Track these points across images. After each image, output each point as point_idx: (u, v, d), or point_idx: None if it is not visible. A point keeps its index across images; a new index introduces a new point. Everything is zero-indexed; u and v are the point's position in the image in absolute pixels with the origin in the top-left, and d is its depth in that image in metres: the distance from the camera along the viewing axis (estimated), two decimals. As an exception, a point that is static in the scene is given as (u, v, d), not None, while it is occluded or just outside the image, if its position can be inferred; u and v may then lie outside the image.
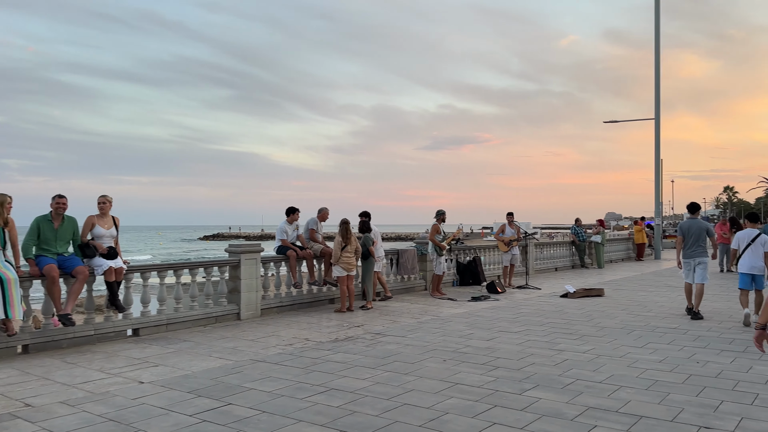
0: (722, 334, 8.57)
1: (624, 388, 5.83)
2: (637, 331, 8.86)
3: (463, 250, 16.07)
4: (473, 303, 12.16)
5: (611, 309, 11.20)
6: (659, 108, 27.19)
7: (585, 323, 9.62)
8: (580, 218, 22.07)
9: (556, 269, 20.28)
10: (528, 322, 9.71)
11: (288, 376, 6.43)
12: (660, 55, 26.93)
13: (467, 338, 8.39)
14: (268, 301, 10.68)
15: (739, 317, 10.02)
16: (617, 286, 15.33)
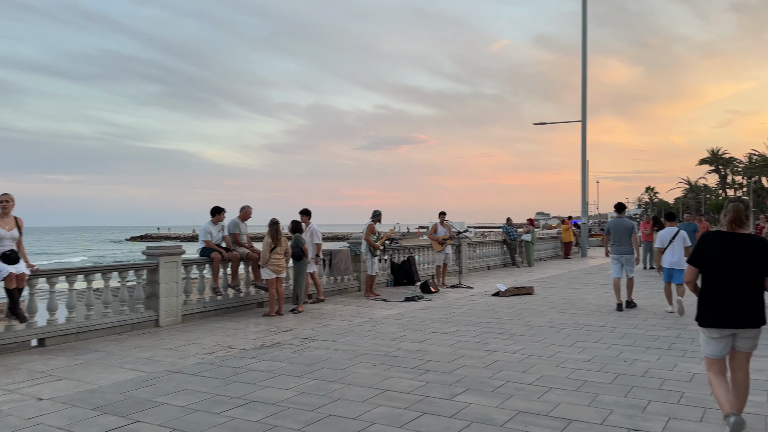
0: (648, 332, 8.74)
1: (554, 389, 5.74)
2: (566, 330, 8.90)
3: (398, 250, 15.91)
4: (407, 303, 11.98)
5: (541, 307, 11.29)
6: (585, 111, 28.08)
7: (516, 322, 9.61)
8: (511, 218, 22.41)
9: (488, 268, 20.48)
10: (460, 322, 9.61)
11: (205, 388, 5.98)
12: (587, 61, 27.81)
13: (399, 341, 8.17)
14: (191, 307, 10.10)
15: (662, 313, 10.33)
16: (546, 284, 15.58)
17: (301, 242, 11.10)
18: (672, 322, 9.49)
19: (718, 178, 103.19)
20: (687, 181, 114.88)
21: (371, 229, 13.08)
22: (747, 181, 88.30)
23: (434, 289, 13.69)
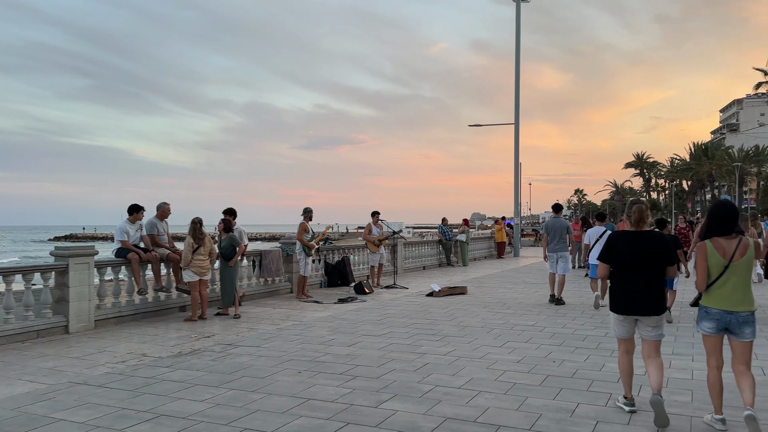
0: (576, 331, 8.78)
1: (483, 393, 5.58)
2: (497, 330, 8.83)
3: (332, 250, 15.56)
4: (339, 305, 11.66)
5: (473, 307, 11.24)
6: (518, 114, 28.63)
7: (448, 323, 9.47)
8: (447, 218, 22.47)
9: (424, 268, 20.44)
10: (392, 324, 9.38)
11: (111, 401, 5.46)
12: (519, 67, 28.36)
13: (328, 345, 7.84)
14: (105, 311, 9.40)
15: (590, 312, 10.48)
16: (480, 283, 15.64)
17: (236, 242, 10.56)
18: (599, 321, 9.61)
19: (643, 181, 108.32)
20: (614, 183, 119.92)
21: (303, 228, 12.67)
22: (669, 184, 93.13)
23: (368, 290, 13.44)
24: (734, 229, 4.65)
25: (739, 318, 4.49)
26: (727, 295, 4.52)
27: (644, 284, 4.85)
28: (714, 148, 78.71)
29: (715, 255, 4.57)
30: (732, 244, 4.58)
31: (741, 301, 4.51)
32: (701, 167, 75.15)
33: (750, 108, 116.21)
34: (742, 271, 4.55)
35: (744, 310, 4.51)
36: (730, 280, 4.53)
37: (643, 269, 4.85)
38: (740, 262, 4.53)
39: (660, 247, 4.88)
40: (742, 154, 70.42)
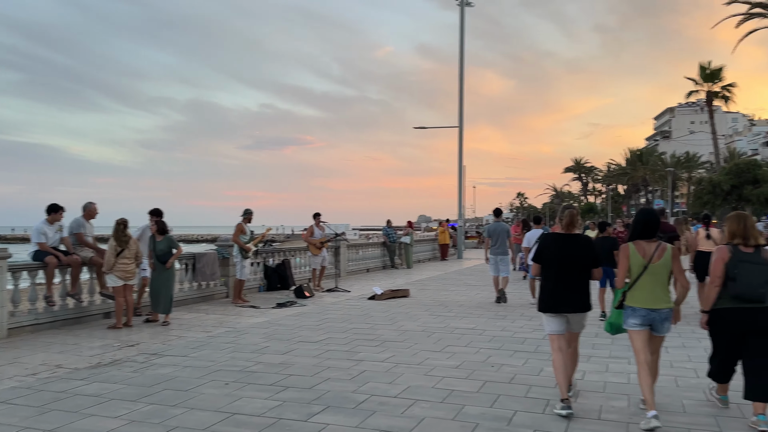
0: (515, 334, 8.73)
1: (419, 402, 5.37)
2: (437, 334, 8.68)
3: (272, 253, 15.10)
4: (277, 310, 11.26)
5: (415, 310, 11.08)
6: (462, 118, 28.86)
7: (388, 327, 9.26)
8: (391, 220, 22.33)
9: (367, 270, 20.21)
10: (331, 329, 9.08)
11: (13, 419, 4.95)
12: (464, 70, 28.62)
13: (260, 353, 7.47)
14: (19, 319, 8.70)
15: (529, 314, 10.49)
16: (423, 286, 15.54)
17: (175, 245, 9.98)
18: (538, 323, 9.61)
19: (581, 185, 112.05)
20: (553, 187, 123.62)
21: (240, 229, 12.20)
22: (605, 188, 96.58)
23: (309, 294, 13.08)
24: (655, 233, 4.99)
25: (660, 315, 4.85)
26: (648, 294, 4.85)
27: (571, 284, 5.17)
28: (648, 154, 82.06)
29: (637, 255, 4.92)
30: (652, 247, 4.93)
31: (661, 299, 4.86)
32: (636, 172, 78.21)
33: (682, 116, 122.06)
34: (660, 272, 4.89)
35: (664, 307, 4.87)
36: (649, 280, 4.86)
37: (570, 270, 5.16)
38: (658, 263, 4.88)
39: (586, 250, 5.22)
40: (674, 160, 73.72)
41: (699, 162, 75.52)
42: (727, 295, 4.77)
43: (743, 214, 5.07)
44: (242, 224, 12.25)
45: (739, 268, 4.72)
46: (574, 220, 5.34)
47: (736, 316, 4.74)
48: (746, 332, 4.73)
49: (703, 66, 42.42)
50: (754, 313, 4.68)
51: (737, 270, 4.72)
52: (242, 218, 12.34)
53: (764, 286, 4.65)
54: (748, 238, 4.84)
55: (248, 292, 13.73)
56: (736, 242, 4.88)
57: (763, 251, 4.83)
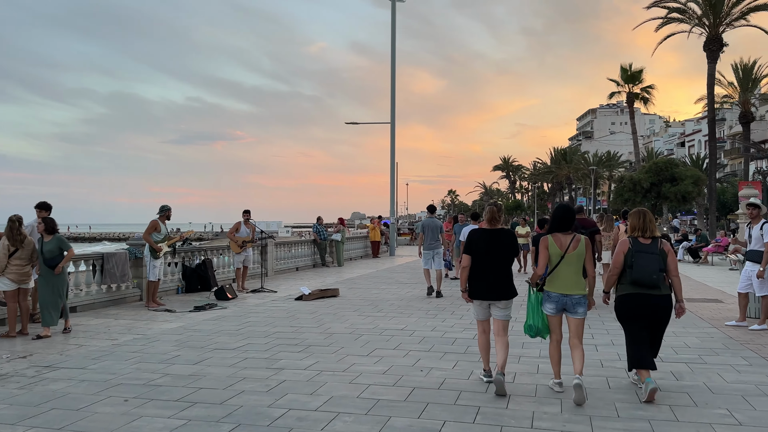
0: (446, 334, 8.44)
1: (341, 415, 4.92)
2: (365, 336, 8.26)
3: (191, 252, 14.22)
4: (195, 314, 10.51)
5: (344, 311, 10.63)
6: (394, 114, 28.60)
7: (314, 330, 8.76)
8: (322, 217, 21.76)
9: (297, 269, 19.56)
10: (252, 334, 8.48)
11: None
12: (396, 67, 28.30)
13: (169, 363, 6.79)
14: None
15: (460, 312, 10.27)
16: (353, 284, 15.11)
17: (65, 245, 8.95)
18: (468, 322, 9.38)
19: (509, 183, 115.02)
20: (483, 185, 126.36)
21: (153, 226, 11.30)
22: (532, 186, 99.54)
23: (231, 296, 12.36)
24: (571, 227, 5.51)
25: (573, 299, 5.36)
26: (563, 281, 5.39)
27: (495, 274, 5.61)
28: (572, 153, 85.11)
29: (554, 246, 5.45)
30: (568, 239, 5.46)
31: (574, 285, 5.39)
32: (560, 170, 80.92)
33: (603, 117, 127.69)
34: (574, 261, 5.40)
35: (577, 293, 5.38)
36: (564, 269, 5.39)
37: (494, 261, 5.61)
38: (573, 253, 5.40)
39: (507, 243, 5.69)
40: (596, 159, 76.76)
41: (619, 161, 79.04)
42: (627, 281, 5.41)
43: (643, 210, 5.63)
44: (157, 221, 11.38)
45: (636, 257, 5.35)
46: (494, 216, 5.77)
47: (635, 300, 5.37)
48: (644, 314, 5.37)
49: (624, 68, 44.31)
50: (648, 298, 5.33)
51: (634, 259, 5.34)
52: (158, 215, 11.47)
53: (657, 272, 5.27)
54: (646, 230, 5.46)
55: (165, 294, 12.87)
56: (636, 235, 5.49)
57: (660, 242, 5.43)
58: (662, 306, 5.33)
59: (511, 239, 5.74)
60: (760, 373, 6.20)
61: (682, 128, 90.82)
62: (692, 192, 28.41)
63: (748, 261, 8.77)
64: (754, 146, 43.29)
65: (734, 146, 63.27)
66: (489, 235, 5.68)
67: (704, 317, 9.79)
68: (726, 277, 16.54)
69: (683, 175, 28.59)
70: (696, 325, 9.02)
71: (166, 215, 11.48)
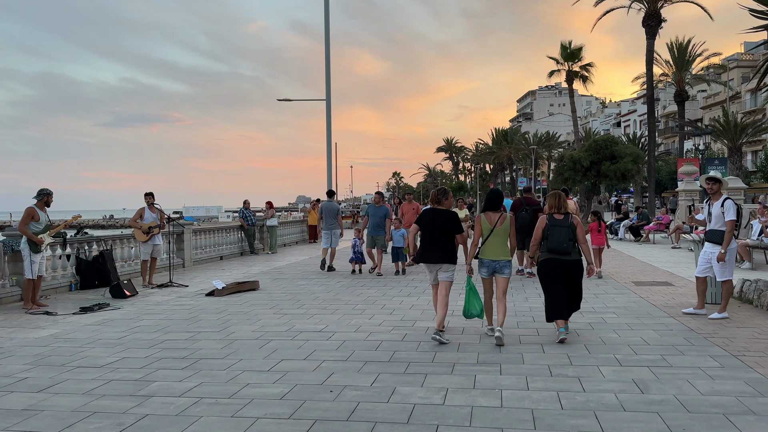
0: (371, 335, 7.14)
1: (205, 475, 3.54)
2: (273, 342, 6.88)
3: (88, 242, 12.38)
4: (78, 317, 8.84)
5: (258, 308, 9.20)
6: (330, 90, 26.97)
7: (214, 336, 7.30)
8: (249, 200, 20.01)
9: (221, 258, 17.89)
10: (134, 345, 6.95)
11: None
12: (332, 45, 26.83)
13: (6, 392, 5.21)
14: None
15: (391, 305, 9.02)
16: (279, 274, 13.67)
17: None
18: (400, 317, 8.14)
19: (452, 164, 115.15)
20: (426, 166, 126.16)
21: (30, 214, 9.49)
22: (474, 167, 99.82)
23: (130, 293, 10.68)
24: (499, 207, 6.77)
25: (500, 264, 6.65)
26: (492, 249, 6.65)
27: (436, 243, 6.81)
28: (513, 134, 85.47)
29: (485, 222, 6.69)
30: (496, 216, 6.70)
31: (501, 253, 6.67)
32: (502, 151, 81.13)
33: (542, 99, 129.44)
34: (501, 234, 6.67)
35: (503, 258, 6.67)
36: (493, 240, 6.64)
37: (436, 233, 6.82)
38: (500, 228, 6.65)
39: (448, 221, 6.87)
40: (536, 139, 77.30)
41: (558, 141, 79.91)
42: (545, 249, 6.65)
43: (558, 192, 6.85)
44: (34, 209, 9.56)
45: (550, 230, 6.59)
46: (435, 198, 7.09)
47: (550, 264, 6.62)
48: (557, 274, 6.58)
49: (564, 45, 43.93)
50: (561, 262, 6.57)
51: (549, 232, 6.60)
52: (36, 200, 9.65)
53: (567, 242, 6.49)
54: (561, 208, 6.71)
55: (55, 292, 11.10)
56: (552, 212, 6.73)
57: (570, 217, 6.64)
58: (572, 269, 6.59)
59: (452, 218, 6.93)
60: (735, 378, 5.20)
61: (618, 109, 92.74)
62: (632, 170, 28.16)
63: (707, 242, 7.85)
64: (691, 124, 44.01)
65: (668, 126, 64.75)
66: (434, 213, 6.91)
67: (658, 304, 8.91)
68: (670, 257, 16.01)
69: (623, 152, 28.31)
70: (651, 315, 8.09)
71: (44, 201, 9.67)
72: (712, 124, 36.52)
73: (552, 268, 6.57)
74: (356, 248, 13.59)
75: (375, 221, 13.29)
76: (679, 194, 23.14)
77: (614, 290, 10.39)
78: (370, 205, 13.55)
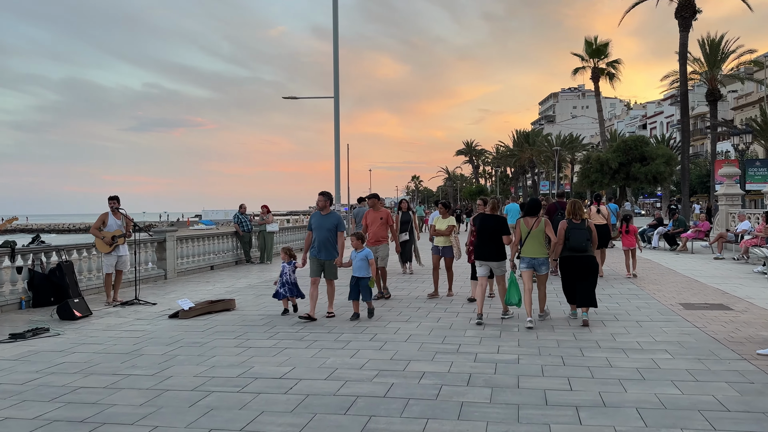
0: (345, 385, 5.37)
1: None
2: (213, 396, 5.15)
3: (44, 252, 10.81)
4: (6, 345, 7.25)
5: (220, 338, 7.50)
6: (338, 87, 25.36)
7: (143, 383, 5.60)
8: (245, 204, 18.38)
9: (212, 268, 16.28)
10: (33, 396, 5.28)
11: None
12: (339, 41, 25.20)
13: None
14: None
15: (388, 335, 7.24)
16: (267, 289, 11.96)
17: None
18: (389, 356, 6.37)
19: (472, 168, 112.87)
20: (446, 170, 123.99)
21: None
22: (495, 170, 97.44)
23: (81, 313, 9.07)
24: (536, 213, 8.19)
25: (539, 261, 8.07)
26: (530, 249, 8.06)
27: (488, 243, 8.31)
28: (534, 136, 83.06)
29: (524, 226, 8.13)
30: (532, 221, 8.13)
31: (539, 251, 8.07)
32: (523, 153, 78.75)
33: (564, 101, 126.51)
34: (538, 235, 8.06)
35: (541, 256, 8.08)
36: (531, 241, 8.05)
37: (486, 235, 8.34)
38: (536, 230, 8.06)
39: (498, 224, 8.35)
40: (559, 141, 74.79)
41: (582, 143, 77.29)
42: (567, 248, 8.12)
43: (575, 201, 8.36)
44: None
45: (571, 233, 8.11)
46: (495, 206, 8.63)
47: (571, 260, 8.14)
48: (577, 268, 8.07)
49: (589, 41, 41.53)
50: (579, 258, 8.07)
51: (569, 234, 8.10)
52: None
53: (585, 242, 8.03)
54: (576, 214, 8.19)
55: (3, 310, 9.56)
56: (570, 217, 8.23)
57: (586, 222, 8.21)
58: (588, 263, 8.01)
59: (502, 221, 8.38)
60: None
61: (644, 110, 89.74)
62: (664, 172, 26.02)
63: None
64: (726, 124, 41.42)
65: (696, 127, 61.93)
66: (485, 217, 8.40)
67: (720, 338, 7.01)
68: (716, 270, 13.96)
69: (654, 154, 26.17)
70: (717, 356, 6.20)
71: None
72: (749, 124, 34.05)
73: (572, 263, 8.11)
74: (285, 276, 9.29)
75: (322, 236, 8.66)
76: (719, 198, 20.99)
77: (660, 316, 8.50)
78: (314, 213, 9.02)
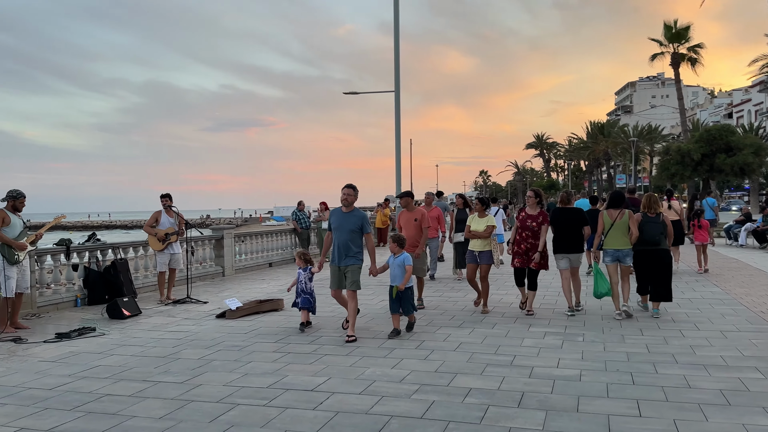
0: (380, 401, 4.85)
1: None
2: (238, 408, 4.77)
3: (101, 251, 10.93)
4: (45, 347, 7.21)
5: (260, 341, 7.17)
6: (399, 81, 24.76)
7: (170, 391, 5.30)
8: (304, 201, 18.23)
9: (270, 265, 16.23)
10: (56, 404, 5.08)
11: None
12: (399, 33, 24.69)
13: None
14: None
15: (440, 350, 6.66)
16: (320, 286, 11.62)
17: None
18: (435, 367, 5.80)
19: (543, 161, 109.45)
20: (515, 164, 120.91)
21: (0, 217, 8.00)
22: (567, 164, 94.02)
23: (130, 312, 9.02)
24: (620, 205, 8.35)
25: (623, 252, 8.19)
26: (613, 241, 8.21)
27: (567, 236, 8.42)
28: (609, 127, 79.38)
29: (607, 218, 8.31)
30: (616, 213, 8.27)
31: (622, 243, 8.17)
32: (597, 145, 75.37)
33: (642, 90, 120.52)
34: (621, 227, 8.16)
35: (624, 247, 8.18)
36: (614, 233, 8.19)
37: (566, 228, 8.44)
38: (620, 222, 8.18)
39: (576, 216, 8.47)
40: (636, 132, 71.09)
41: (661, 134, 73.15)
42: (640, 241, 8.15)
43: (650, 194, 8.54)
44: (4, 211, 8.06)
45: (645, 225, 8.18)
46: (568, 198, 8.74)
47: (644, 254, 8.22)
48: (650, 262, 8.17)
49: (668, 25, 38.70)
50: (654, 251, 8.16)
51: (644, 227, 8.17)
52: (6, 202, 8.15)
53: (659, 235, 8.13)
54: (651, 207, 8.28)
55: (56, 308, 9.72)
56: (645, 210, 8.32)
57: (661, 216, 8.27)
58: (662, 256, 8.18)
59: (580, 213, 8.56)
60: None
61: (729, 99, 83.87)
62: (753, 163, 23.83)
63: None
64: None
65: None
66: (562, 211, 8.54)
67: (826, 356, 5.98)
68: (816, 272, 12.45)
69: (741, 143, 24.01)
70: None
71: (12, 204, 8.15)
72: None
73: (645, 256, 8.19)
74: (301, 284, 8.20)
75: (342, 238, 7.47)
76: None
77: (749, 325, 7.48)
78: (334, 210, 7.74)
